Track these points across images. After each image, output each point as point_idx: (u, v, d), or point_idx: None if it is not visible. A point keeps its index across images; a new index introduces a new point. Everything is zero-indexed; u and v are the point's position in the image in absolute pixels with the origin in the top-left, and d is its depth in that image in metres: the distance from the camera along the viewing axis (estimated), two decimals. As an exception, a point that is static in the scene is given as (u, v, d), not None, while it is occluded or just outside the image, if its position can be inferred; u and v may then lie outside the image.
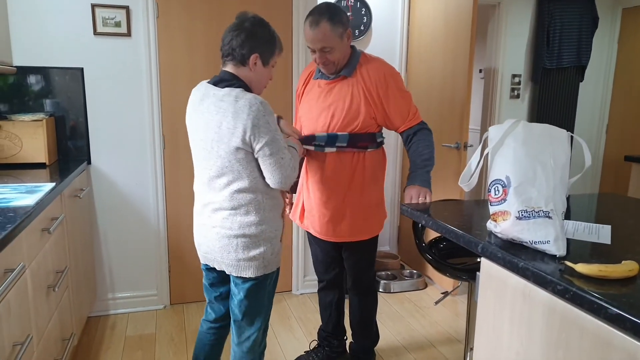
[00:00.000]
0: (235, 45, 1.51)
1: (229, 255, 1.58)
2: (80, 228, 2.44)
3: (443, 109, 3.17)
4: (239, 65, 1.54)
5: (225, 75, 1.54)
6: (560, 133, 1.28)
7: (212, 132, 1.49)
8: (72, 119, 2.64)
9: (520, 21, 3.81)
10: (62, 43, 2.55)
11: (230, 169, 1.51)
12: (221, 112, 1.47)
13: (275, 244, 1.62)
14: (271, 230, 1.60)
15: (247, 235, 1.55)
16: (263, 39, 1.54)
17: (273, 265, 1.64)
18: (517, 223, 1.19)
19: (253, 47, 1.52)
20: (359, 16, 3.36)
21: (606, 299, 0.88)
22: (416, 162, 1.86)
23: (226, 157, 1.49)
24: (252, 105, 1.44)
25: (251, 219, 1.55)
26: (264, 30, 1.54)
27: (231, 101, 1.46)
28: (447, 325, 2.77)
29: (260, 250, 1.57)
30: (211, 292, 1.77)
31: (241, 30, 1.51)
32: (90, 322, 2.74)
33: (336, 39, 1.76)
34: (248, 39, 1.51)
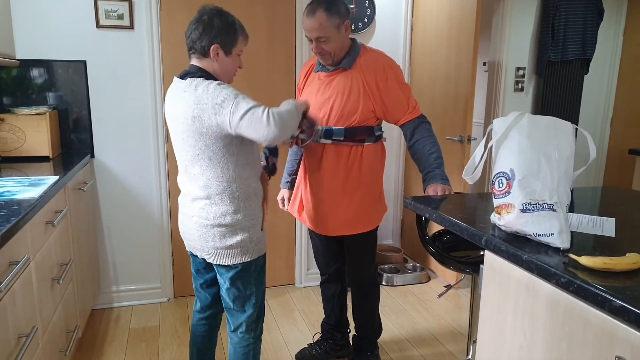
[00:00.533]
0: (194, 38, 1.55)
1: (207, 244, 1.61)
2: (84, 221, 2.45)
3: (447, 102, 3.15)
4: (202, 58, 1.57)
5: (190, 68, 1.58)
6: (565, 126, 1.27)
7: (180, 123, 1.52)
8: (75, 112, 2.64)
9: (525, 14, 3.77)
10: (65, 36, 2.55)
11: (202, 157, 1.52)
12: (184, 102, 1.50)
13: (253, 233, 1.62)
14: (247, 220, 1.60)
15: (222, 224, 1.57)
16: (221, 29, 1.54)
17: (254, 252, 1.65)
18: (521, 216, 1.18)
19: (212, 38, 1.54)
20: (363, 8, 3.34)
21: (610, 291, 0.87)
22: (429, 161, 1.83)
23: (196, 146, 1.51)
24: (209, 88, 1.46)
25: (225, 208, 1.56)
26: (222, 20, 1.55)
27: (191, 90, 1.49)
28: (450, 318, 2.77)
29: (237, 239, 1.59)
30: (197, 279, 1.80)
31: (199, 23, 1.54)
32: (94, 314, 2.76)
33: (332, 29, 1.76)
34: (205, 31, 1.53)
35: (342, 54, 1.84)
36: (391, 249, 3.57)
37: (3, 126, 2.30)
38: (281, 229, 3.09)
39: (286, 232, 3.11)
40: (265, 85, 2.89)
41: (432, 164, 1.82)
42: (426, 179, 1.82)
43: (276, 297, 3.02)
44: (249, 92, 2.90)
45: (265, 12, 2.81)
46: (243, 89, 2.94)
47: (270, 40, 2.85)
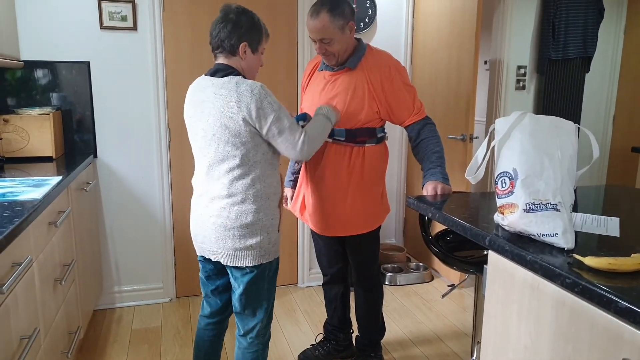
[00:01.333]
0: (223, 37, 1.55)
1: (225, 245, 1.59)
2: (86, 221, 2.45)
3: (449, 100, 3.14)
4: (230, 56, 1.58)
5: (220, 66, 1.58)
6: (568, 125, 1.27)
7: (213, 119, 1.52)
8: (79, 113, 2.64)
9: (526, 12, 3.76)
10: (69, 37, 2.56)
11: (233, 154, 1.53)
12: (221, 98, 1.50)
13: (272, 233, 1.63)
14: (267, 219, 1.60)
15: (243, 224, 1.57)
16: (248, 27, 1.57)
17: (271, 254, 1.64)
18: (524, 216, 1.18)
19: (240, 36, 1.56)
20: (364, 8, 3.34)
21: (616, 292, 0.87)
22: (432, 159, 1.82)
23: (231, 142, 1.52)
24: (254, 89, 1.49)
25: (248, 207, 1.56)
26: (249, 18, 1.57)
27: (232, 87, 1.50)
28: (454, 318, 2.77)
29: (257, 239, 1.58)
30: (207, 285, 1.78)
31: (227, 22, 1.55)
32: (96, 315, 2.77)
33: (336, 30, 1.75)
34: (234, 29, 1.55)
35: (346, 55, 1.84)
36: (394, 248, 3.57)
37: (7, 127, 2.31)
38: (283, 228, 3.09)
39: (288, 232, 3.11)
40: (267, 83, 2.88)
41: (434, 162, 1.81)
42: (426, 175, 1.80)
43: (278, 298, 3.02)
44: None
45: (267, 11, 2.81)
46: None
47: (273, 39, 2.85)
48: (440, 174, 1.77)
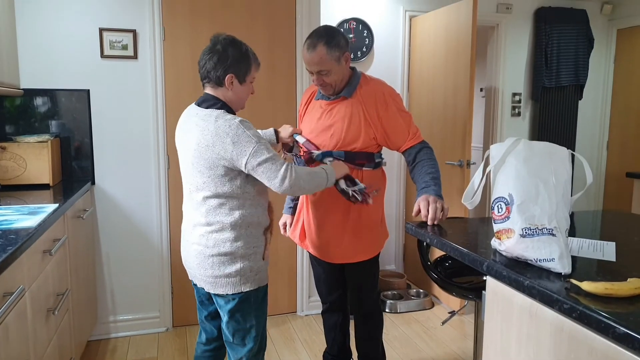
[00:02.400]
0: (209, 68, 1.56)
1: (206, 272, 1.59)
2: (82, 249, 2.43)
3: (446, 127, 3.18)
4: (216, 87, 1.58)
5: (206, 96, 1.59)
6: (561, 151, 1.28)
7: (192, 149, 1.53)
8: (77, 140, 2.66)
9: (519, 41, 3.86)
10: (69, 65, 2.60)
11: (208, 184, 1.53)
12: (200, 130, 1.51)
13: (254, 261, 1.60)
14: (248, 247, 1.58)
15: (221, 252, 1.56)
16: (236, 59, 1.56)
17: (254, 282, 1.61)
18: (521, 241, 1.17)
19: (227, 68, 1.55)
20: (361, 38, 3.42)
21: (614, 317, 0.86)
22: (425, 179, 1.78)
23: (205, 173, 1.52)
24: (232, 125, 1.49)
25: (226, 235, 1.56)
26: (236, 49, 1.56)
27: (211, 121, 1.50)
28: (455, 345, 2.72)
29: (236, 267, 1.57)
30: (202, 311, 1.77)
31: (213, 53, 1.55)
32: (90, 346, 2.71)
33: (333, 62, 1.78)
34: (220, 61, 1.54)
35: (342, 84, 1.87)
36: (394, 275, 3.53)
37: (4, 154, 2.32)
38: (282, 255, 3.07)
39: (287, 259, 3.09)
40: (266, 112, 2.92)
41: (428, 182, 1.76)
42: (419, 193, 1.74)
43: (277, 326, 2.97)
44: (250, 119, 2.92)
45: (265, 40, 2.87)
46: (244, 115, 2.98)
47: (271, 68, 2.91)
48: (434, 191, 1.71)
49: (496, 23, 3.75)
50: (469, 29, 2.88)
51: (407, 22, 3.51)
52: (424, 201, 1.65)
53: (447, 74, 3.13)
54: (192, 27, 2.74)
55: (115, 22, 2.63)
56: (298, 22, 2.90)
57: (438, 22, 3.21)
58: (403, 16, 3.50)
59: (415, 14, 3.49)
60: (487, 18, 3.69)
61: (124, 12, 2.63)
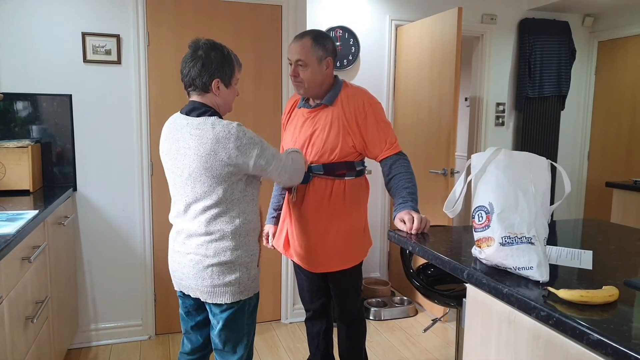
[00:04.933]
0: (194, 76, 1.52)
1: (204, 282, 1.56)
2: (63, 256, 2.39)
3: (430, 136, 3.22)
4: (203, 94, 1.55)
5: (195, 104, 1.55)
6: (540, 160, 1.30)
7: (189, 160, 1.49)
8: (59, 146, 2.62)
9: (503, 52, 3.93)
10: (51, 70, 2.57)
11: (210, 194, 1.51)
12: (196, 139, 1.48)
13: (251, 269, 1.61)
14: (247, 255, 1.59)
15: (222, 261, 1.54)
16: (219, 63, 1.53)
17: (250, 290, 1.61)
18: (501, 249, 1.19)
19: (212, 73, 1.52)
20: (347, 46, 3.45)
21: (588, 324, 0.88)
22: (402, 194, 1.79)
23: (207, 182, 1.50)
24: (231, 130, 1.47)
25: (226, 244, 1.54)
26: (218, 53, 1.54)
27: (208, 129, 1.47)
28: (437, 352, 2.73)
29: (236, 275, 1.56)
30: (187, 321, 1.73)
31: (196, 60, 1.51)
32: (70, 354, 2.66)
33: (313, 58, 1.79)
34: (205, 66, 1.51)
35: (319, 90, 1.87)
36: (378, 282, 3.54)
37: (-16, 160, 2.27)
38: (267, 263, 3.05)
39: (272, 268, 3.07)
40: (251, 121, 2.92)
41: (405, 197, 1.76)
42: (396, 209, 1.75)
43: (261, 334, 2.94)
44: (235, 126, 2.92)
45: (252, 48, 2.87)
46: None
47: (257, 76, 2.91)
48: (412, 207, 1.71)
49: (481, 33, 3.82)
50: (454, 39, 2.93)
51: (393, 31, 3.55)
52: (407, 215, 1.65)
53: (432, 83, 3.17)
54: (177, 33, 2.73)
55: (99, 27, 2.61)
56: (284, 30, 2.91)
57: (423, 31, 3.26)
58: (389, 25, 3.54)
59: (401, 23, 3.54)
60: (472, 28, 3.76)
61: (108, 17, 2.62)
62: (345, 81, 1.95)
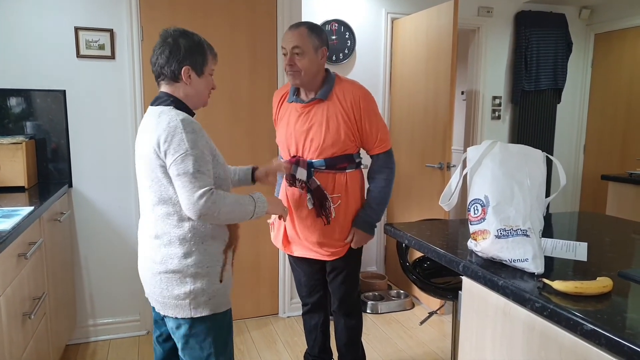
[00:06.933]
0: (162, 63, 1.42)
1: (155, 290, 1.44)
2: (60, 253, 2.39)
3: (426, 130, 3.22)
4: (173, 83, 1.45)
5: (160, 94, 1.47)
6: (536, 153, 1.31)
7: (139, 150, 1.43)
8: (54, 142, 2.61)
9: (499, 45, 3.93)
10: (44, 65, 2.55)
11: (153, 189, 1.40)
12: (147, 130, 1.40)
13: (209, 284, 1.41)
14: (201, 266, 1.40)
15: (169, 269, 1.39)
16: (188, 50, 1.43)
17: (207, 308, 1.42)
18: (496, 242, 1.20)
19: (181, 60, 1.42)
20: (343, 40, 3.43)
21: (582, 315, 0.88)
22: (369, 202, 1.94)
23: (148, 176, 1.40)
24: (171, 122, 1.35)
25: (173, 250, 1.39)
26: (188, 40, 1.44)
27: (154, 117, 1.39)
28: (434, 345, 2.75)
29: (186, 288, 1.39)
30: (155, 330, 1.63)
31: (164, 47, 1.42)
32: (68, 350, 2.66)
33: (310, 46, 1.81)
34: (172, 53, 1.41)
35: (314, 81, 1.87)
36: (375, 276, 3.55)
37: (-22, 156, 2.26)
38: (264, 258, 3.06)
39: (269, 262, 3.08)
40: (246, 116, 2.91)
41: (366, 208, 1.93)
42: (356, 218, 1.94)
43: (259, 328, 2.95)
44: (232, 120, 2.91)
45: (247, 41, 2.86)
46: (226, 117, 2.97)
47: (252, 71, 2.90)
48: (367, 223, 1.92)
49: (477, 26, 3.81)
50: (450, 32, 2.92)
51: (389, 24, 3.54)
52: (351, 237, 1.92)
53: (428, 77, 3.17)
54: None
55: (92, 21, 2.58)
56: (279, 24, 2.90)
57: (419, 24, 3.25)
58: (385, 18, 3.53)
59: (397, 16, 3.52)
60: (468, 21, 3.75)
61: (101, 11, 2.59)
62: (338, 75, 1.94)
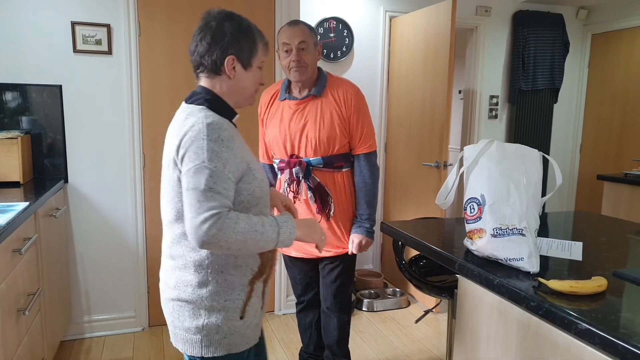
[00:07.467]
0: (202, 52, 1.18)
1: (167, 317, 1.24)
2: (55, 248, 2.38)
3: (424, 128, 3.22)
4: (213, 76, 1.21)
5: (197, 89, 1.23)
6: (532, 152, 1.31)
7: (164, 156, 1.22)
8: (50, 137, 2.60)
9: (497, 45, 3.93)
10: (40, 60, 2.53)
11: (172, 203, 1.17)
12: (171, 131, 1.20)
13: (225, 320, 1.17)
14: (217, 299, 1.16)
15: (182, 298, 1.18)
16: (235, 36, 1.18)
17: (221, 347, 1.18)
18: (492, 240, 1.20)
19: (225, 48, 1.18)
20: (341, 37, 3.43)
21: (576, 314, 0.89)
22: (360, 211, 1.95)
23: (168, 187, 1.18)
24: (195, 125, 1.11)
25: (187, 277, 1.17)
26: (235, 24, 1.19)
27: (182, 118, 1.17)
28: (429, 343, 2.76)
29: (198, 322, 1.17)
30: None
31: (206, 32, 1.18)
32: (63, 346, 2.65)
33: (311, 42, 1.84)
34: (215, 40, 1.17)
35: (313, 76, 1.89)
36: (371, 274, 3.56)
37: (-27, 151, 2.25)
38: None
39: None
40: (246, 114, 2.90)
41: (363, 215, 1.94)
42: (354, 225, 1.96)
43: (254, 325, 2.95)
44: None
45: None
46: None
47: (250, 67, 2.89)
48: (366, 229, 1.93)
49: (475, 25, 3.81)
50: (447, 31, 2.92)
51: (387, 23, 3.53)
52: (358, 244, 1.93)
53: (426, 75, 3.17)
54: (169, 23, 2.70)
55: (89, 16, 2.57)
56: (277, 20, 2.89)
57: (418, 23, 3.24)
58: (383, 16, 3.52)
59: (395, 15, 3.52)
60: (466, 20, 3.75)
61: (98, 6, 2.58)
62: (329, 72, 1.97)
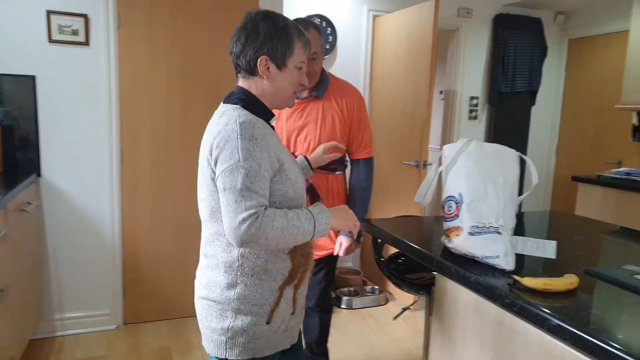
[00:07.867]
0: (237, 52, 1.21)
1: (198, 315, 1.27)
2: (26, 243, 2.31)
3: (404, 128, 3.24)
4: (249, 76, 1.23)
5: (235, 89, 1.26)
6: (510, 152, 1.33)
7: (200, 155, 1.23)
8: (23, 129, 2.51)
9: (478, 47, 3.98)
10: (14, 49, 2.45)
11: (207, 202, 1.19)
12: (207, 131, 1.21)
13: (253, 324, 1.18)
14: (245, 302, 1.17)
15: (211, 297, 1.20)
16: (268, 36, 1.19)
17: (245, 351, 1.19)
18: (469, 238, 1.21)
19: (257, 48, 1.19)
20: (325, 35, 3.42)
21: (549, 310, 0.90)
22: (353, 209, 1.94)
23: (203, 186, 1.20)
24: (229, 123, 1.13)
25: (218, 277, 1.19)
26: (270, 24, 1.19)
27: (216, 117, 1.19)
28: (407, 341, 2.78)
29: (225, 323, 1.18)
30: None
31: (241, 33, 1.21)
32: (33, 345, 2.58)
33: (321, 49, 1.75)
34: (249, 40, 1.19)
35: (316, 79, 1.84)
36: (350, 272, 3.57)
37: (-60, 142, 2.16)
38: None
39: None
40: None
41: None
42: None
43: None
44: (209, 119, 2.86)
45: (227, 33, 2.81)
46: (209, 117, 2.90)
47: (231, 63, 2.85)
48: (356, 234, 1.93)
49: (457, 27, 3.85)
50: (430, 31, 2.94)
51: (370, 22, 3.54)
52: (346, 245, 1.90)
53: (408, 75, 3.19)
54: (150, 15, 2.64)
55: (65, 5, 2.49)
56: (261, 16, 2.86)
57: (401, 23, 3.26)
58: (367, 15, 3.53)
59: (379, 14, 3.53)
60: (448, 21, 3.79)
61: (76, -5, 2.51)
62: (330, 73, 1.93)
